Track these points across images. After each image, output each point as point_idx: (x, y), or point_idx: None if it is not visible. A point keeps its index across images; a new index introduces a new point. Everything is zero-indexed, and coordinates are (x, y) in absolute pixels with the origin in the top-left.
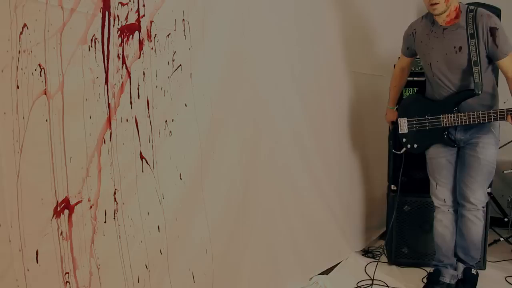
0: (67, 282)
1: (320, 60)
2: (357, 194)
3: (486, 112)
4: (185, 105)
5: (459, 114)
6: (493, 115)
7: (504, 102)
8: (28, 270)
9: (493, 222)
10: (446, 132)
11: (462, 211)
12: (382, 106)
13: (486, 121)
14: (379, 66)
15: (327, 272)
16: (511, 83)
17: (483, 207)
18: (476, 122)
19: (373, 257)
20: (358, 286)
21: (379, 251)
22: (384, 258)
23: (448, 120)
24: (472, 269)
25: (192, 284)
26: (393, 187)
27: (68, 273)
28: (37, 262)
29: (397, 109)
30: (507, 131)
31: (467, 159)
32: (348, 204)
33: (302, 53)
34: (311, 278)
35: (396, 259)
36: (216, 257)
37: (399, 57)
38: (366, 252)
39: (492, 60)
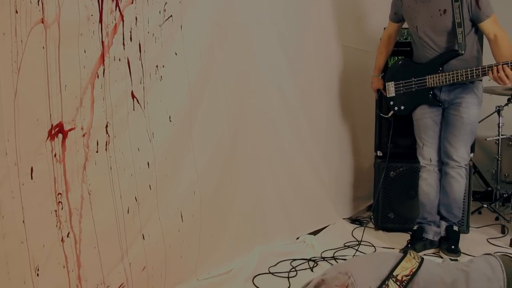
0: (59, 202)
1: (307, 26)
2: (345, 164)
3: (469, 69)
4: (175, 54)
5: (443, 74)
6: (475, 72)
7: (489, 80)
8: (23, 184)
9: (481, 197)
10: (431, 92)
11: (446, 169)
12: (369, 79)
13: (469, 78)
14: (367, 41)
15: (314, 234)
16: (493, 45)
17: (466, 165)
18: (459, 80)
19: (361, 225)
20: (345, 246)
21: (366, 220)
22: (371, 225)
23: (433, 81)
24: (454, 226)
25: (180, 223)
26: (379, 153)
27: (60, 193)
28: (32, 178)
29: (382, 77)
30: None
31: (451, 118)
32: (336, 172)
33: (288, 17)
34: (298, 237)
35: (383, 224)
36: (204, 200)
37: (384, 28)
38: (353, 221)
39: (475, 23)
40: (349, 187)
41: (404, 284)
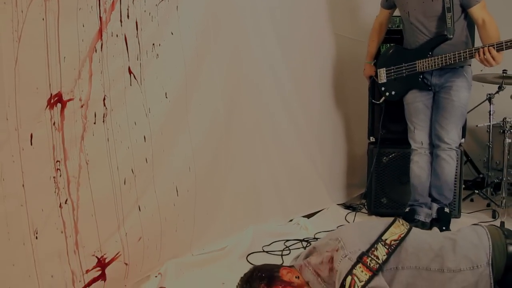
0: (58, 169)
1: (300, 14)
2: (339, 151)
3: (456, 52)
4: (172, 33)
5: (432, 58)
6: (463, 55)
7: (481, 70)
8: (23, 149)
9: (473, 184)
10: (421, 76)
11: (437, 151)
12: (362, 68)
13: (458, 61)
14: (360, 31)
15: (307, 217)
16: (481, 30)
17: (457, 147)
18: (448, 63)
19: (354, 210)
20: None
21: (360, 206)
22: (364, 211)
23: (423, 65)
24: (445, 208)
25: (176, 197)
26: (371, 139)
27: (59, 161)
28: (31, 145)
29: (374, 64)
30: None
31: (441, 102)
32: (330, 158)
33: (282, 4)
34: (292, 220)
35: (376, 209)
36: (199, 176)
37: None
38: (347, 207)
39: (464, 9)
40: (343, 173)
41: (392, 247)
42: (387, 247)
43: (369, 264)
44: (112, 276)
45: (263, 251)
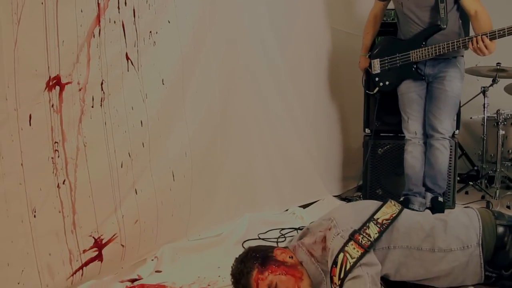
0: (56, 150)
1: (296, 7)
2: (335, 143)
3: (450, 42)
4: (168, 22)
5: (426, 48)
6: (456, 44)
7: (476, 65)
8: (22, 129)
9: (467, 177)
10: (415, 67)
11: (431, 141)
12: (357, 62)
13: (451, 50)
14: (356, 25)
15: (303, 207)
16: (473, 20)
17: (450, 137)
18: (442, 52)
19: (350, 202)
20: None
21: (356, 198)
22: None
23: (417, 55)
24: (439, 197)
25: (172, 182)
26: (367, 130)
27: (57, 142)
28: (30, 125)
29: (369, 56)
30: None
31: (435, 92)
32: (326, 151)
33: None
34: (288, 209)
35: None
36: (195, 162)
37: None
38: (343, 199)
39: (457, 0)
40: (339, 166)
41: (384, 226)
42: (379, 226)
43: (361, 241)
44: (108, 258)
45: (259, 238)
